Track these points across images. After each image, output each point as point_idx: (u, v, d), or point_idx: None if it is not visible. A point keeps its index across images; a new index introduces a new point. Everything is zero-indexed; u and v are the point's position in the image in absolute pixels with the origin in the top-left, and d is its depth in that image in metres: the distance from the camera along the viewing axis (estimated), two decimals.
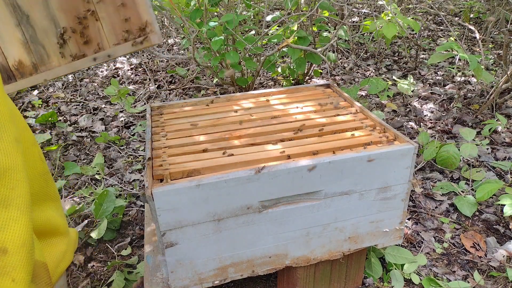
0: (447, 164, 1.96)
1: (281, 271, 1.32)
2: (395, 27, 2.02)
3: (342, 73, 3.25)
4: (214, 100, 1.47)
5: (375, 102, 2.74)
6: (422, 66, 3.28)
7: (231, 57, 2.11)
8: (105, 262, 1.57)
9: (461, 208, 1.75)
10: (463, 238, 1.63)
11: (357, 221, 1.18)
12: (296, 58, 2.29)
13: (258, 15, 3.11)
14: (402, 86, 2.30)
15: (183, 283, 1.10)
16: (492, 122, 2.15)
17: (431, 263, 1.52)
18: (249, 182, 1.01)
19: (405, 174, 1.15)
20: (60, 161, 2.25)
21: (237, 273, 1.15)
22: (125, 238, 1.68)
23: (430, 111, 2.61)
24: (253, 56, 2.88)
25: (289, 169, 1.02)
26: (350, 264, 1.33)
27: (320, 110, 1.37)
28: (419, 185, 1.93)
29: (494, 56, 2.67)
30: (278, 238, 1.13)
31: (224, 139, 1.20)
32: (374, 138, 1.17)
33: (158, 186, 0.95)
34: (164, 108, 1.42)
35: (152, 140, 1.20)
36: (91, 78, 3.37)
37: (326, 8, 2.35)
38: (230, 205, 1.03)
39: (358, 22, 3.31)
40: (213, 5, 2.29)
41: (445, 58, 2.11)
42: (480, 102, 2.63)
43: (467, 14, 3.89)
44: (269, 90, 1.54)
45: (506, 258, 1.52)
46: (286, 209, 1.09)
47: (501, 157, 2.11)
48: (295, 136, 1.21)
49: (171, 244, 1.02)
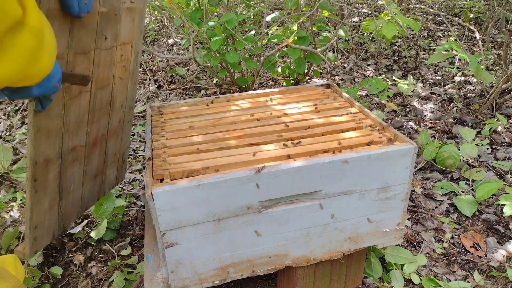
0: (447, 164, 1.97)
1: (281, 271, 1.32)
2: (395, 27, 2.02)
3: (342, 73, 3.25)
4: (214, 100, 1.47)
5: (375, 102, 2.74)
6: (422, 66, 3.28)
7: (231, 57, 2.11)
8: (105, 262, 1.57)
9: (461, 208, 1.75)
10: (463, 238, 1.63)
11: (357, 221, 1.18)
12: (296, 58, 2.29)
13: (258, 15, 3.11)
14: (402, 86, 2.30)
15: (183, 283, 1.10)
16: (492, 122, 2.15)
17: (431, 263, 1.52)
18: (249, 182, 1.01)
19: (405, 174, 1.15)
20: None
21: (237, 273, 1.15)
22: (125, 238, 1.68)
23: (430, 111, 2.61)
24: (253, 56, 2.88)
25: (289, 169, 1.02)
26: (350, 264, 1.33)
27: (320, 110, 1.37)
28: (419, 185, 1.93)
29: (494, 56, 2.67)
30: (278, 238, 1.13)
31: (224, 139, 1.20)
32: (374, 138, 1.17)
33: (158, 186, 0.95)
34: (164, 108, 1.42)
35: (152, 140, 1.20)
36: None
37: (326, 8, 2.35)
38: (230, 205, 1.03)
39: (358, 22, 3.31)
40: (213, 5, 2.29)
41: (445, 58, 2.11)
42: (480, 102, 2.63)
43: (467, 14, 3.89)
44: (269, 90, 1.54)
45: (506, 258, 1.52)
46: (286, 209, 1.09)
47: (501, 157, 2.11)
48: (295, 136, 1.20)
49: (171, 244, 1.02)
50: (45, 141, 1.10)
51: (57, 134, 1.15)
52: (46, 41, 0.72)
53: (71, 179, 1.29)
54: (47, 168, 1.15)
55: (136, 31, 1.37)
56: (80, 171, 1.33)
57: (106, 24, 1.21)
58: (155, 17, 4.60)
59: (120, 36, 1.29)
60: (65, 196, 1.29)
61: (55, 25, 0.97)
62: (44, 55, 0.72)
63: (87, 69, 1.19)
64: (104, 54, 1.24)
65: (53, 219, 1.27)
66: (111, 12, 1.22)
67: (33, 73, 0.74)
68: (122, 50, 1.31)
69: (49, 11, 0.93)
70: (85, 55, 1.15)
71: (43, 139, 1.10)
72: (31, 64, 0.71)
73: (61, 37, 1.01)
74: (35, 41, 0.67)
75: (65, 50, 1.05)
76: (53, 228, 1.30)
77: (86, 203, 1.45)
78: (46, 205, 1.19)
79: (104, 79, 1.28)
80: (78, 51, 1.11)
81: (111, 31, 1.24)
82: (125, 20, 1.30)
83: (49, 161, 1.16)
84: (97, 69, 1.23)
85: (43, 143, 1.10)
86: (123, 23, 1.29)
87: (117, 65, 1.31)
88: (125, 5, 1.28)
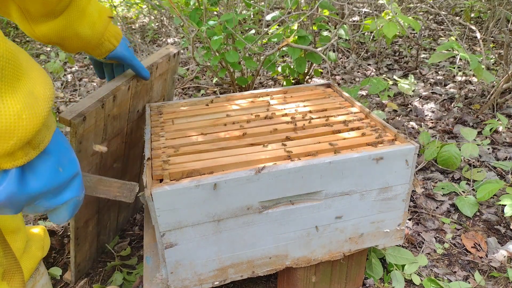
0: (448, 164, 1.96)
1: (281, 272, 1.31)
2: (396, 27, 2.01)
3: (342, 72, 3.25)
4: (213, 99, 1.46)
5: (375, 101, 2.74)
6: (423, 66, 3.27)
7: (231, 57, 2.10)
8: (105, 262, 1.56)
9: (462, 208, 1.74)
10: (464, 238, 1.62)
11: (358, 221, 1.18)
12: (296, 58, 2.29)
13: (258, 14, 3.10)
14: (402, 85, 2.29)
15: (183, 284, 1.09)
16: (493, 122, 2.14)
17: (432, 264, 1.52)
18: (249, 183, 1.00)
19: (406, 174, 1.14)
20: None
21: (237, 274, 1.14)
22: (125, 239, 1.67)
23: (431, 110, 2.60)
24: (253, 55, 2.87)
25: (289, 169, 1.02)
26: (350, 264, 1.32)
27: (320, 110, 1.37)
28: (420, 185, 1.93)
29: (495, 56, 2.66)
30: (278, 238, 1.12)
31: (224, 139, 1.20)
32: (374, 138, 1.17)
33: (158, 187, 0.95)
34: (164, 107, 1.41)
35: (151, 140, 1.19)
36: (90, 78, 3.36)
37: (326, 7, 2.34)
38: (230, 206, 1.02)
39: (359, 22, 3.30)
40: (212, 4, 2.28)
41: (446, 57, 2.10)
42: (481, 102, 2.63)
43: (467, 13, 3.88)
44: (269, 89, 1.54)
45: (507, 259, 1.51)
46: (286, 209, 1.08)
47: (502, 157, 2.10)
48: (295, 136, 1.20)
49: (170, 245, 1.01)
50: (84, 210, 1.24)
51: (94, 202, 1.30)
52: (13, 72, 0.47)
53: (107, 219, 1.49)
54: (87, 225, 1.32)
55: (168, 85, 1.51)
56: (115, 211, 1.46)
57: (138, 101, 1.34)
58: (155, 17, 4.59)
59: (152, 100, 1.44)
60: (103, 232, 1.50)
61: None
62: (9, 93, 0.46)
63: (120, 143, 1.32)
64: (136, 122, 1.38)
65: (93, 251, 1.48)
66: (143, 89, 1.34)
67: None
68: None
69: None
70: (117, 136, 1.28)
71: (82, 209, 1.20)
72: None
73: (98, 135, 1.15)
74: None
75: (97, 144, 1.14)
76: (93, 257, 1.52)
77: (122, 225, 1.68)
78: (87, 247, 1.40)
79: (136, 139, 1.43)
80: (110, 138, 1.24)
81: (143, 103, 1.38)
82: (156, 84, 1.44)
83: (88, 220, 1.33)
84: (129, 136, 1.37)
85: (82, 211, 1.21)
86: (155, 88, 1.43)
87: None
88: (157, 73, 1.41)
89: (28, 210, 0.59)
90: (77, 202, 0.65)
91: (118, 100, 1.17)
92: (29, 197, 0.54)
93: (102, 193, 0.79)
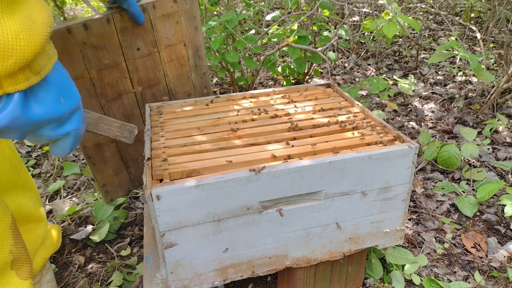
0: (448, 164, 1.96)
1: (281, 271, 1.31)
2: (396, 27, 2.01)
3: (342, 72, 3.25)
4: (213, 99, 1.46)
5: (375, 101, 2.74)
6: (423, 66, 3.27)
7: (231, 57, 2.10)
8: (105, 262, 1.56)
9: (462, 208, 1.74)
10: (464, 238, 1.62)
11: (358, 221, 1.18)
12: (296, 58, 2.29)
13: (258, 14, 3.10)
14: (402, 85, 2.29)
15: (183, 284, 1.09)
16: (493, 122, 2.14)
17: (432, 264, 1.52)
18: (249, 182, 1.00)
19: (406, 174, 1.14)
20: (59, 161, 2.25)
21: (237, 274, 1.14)
22: (125, 239, 1.67)
23: (431, 110, 2.60)
24: (253, 55, 2.87)
25: (289, 169, 1.02)
26: (350, 264, 1.32)
27: (321, 110, 1.37)
28: (420, 185, 1.93)
29: (495, 56, 2.66)
30: (278, 238, 1.12)
31: (224, 139, 1.20)
32: (374, 138, 1.17)
33: (158, 187, 0.95)
34: (164, 107, 1.41)
35: (151, 140, 1.19)
36: None
37: (326, 7, 2.34)
38: (230, 206, 1.02)
39: (359, 22, 3.30)
40: (212, 4, 2.28)
41: (446, 57, 2.10)
42: (481, 102, 2.63)
43: (467, 13, 3.88)
44: (269, 89, 1.54)
45: (507, 259, 1.51)
46: (286, 209, 1.08)
47: (502, 157, 2.10)
48: (295, 136, 1.20)
49: (170, 245, 1.01)
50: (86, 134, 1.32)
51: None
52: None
53: (136, 153, 1.54)
54: (100, 149, 1.42)
55: (188, 30, 1.50)
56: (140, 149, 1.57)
57: (134, 38, 1.37)
58: None
59: (161, 42, 1.44)
60: (132, 165, 1.56)
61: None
62: (6, 14, 0.47)
63: (119, 77, 1.38)
64: (142, 61, 1.41)
65: (124, 180, 1.56)
66: (139, 27, 1.37)
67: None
68: (170, 51, 1.48)
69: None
70: (112, 68, 1.34)
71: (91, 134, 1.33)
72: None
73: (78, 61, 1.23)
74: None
75: (84, 71, 1.24)
76: (126, 186, 1.58)
77: None
78: (111, 172, 1.49)
79: (151, 79, 1.47)
80: (100, 68, 1.29)
81: (144, 41, 1.40)
82: (163, 26, 1.44)
83: (101, 145, 1.42)
84: (135, 74, 1.42)
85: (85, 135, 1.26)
86: (162, 29, 1.44)
87: (167, 65, 1.49)
88: (159, 13, 1.41)
89: (31, 139, 0.63)
90: (78, 135, 0.67)
91: (93, 30, 1.24)
92: (32, 123, 0.57)
93: (103, 130, 0.80)
